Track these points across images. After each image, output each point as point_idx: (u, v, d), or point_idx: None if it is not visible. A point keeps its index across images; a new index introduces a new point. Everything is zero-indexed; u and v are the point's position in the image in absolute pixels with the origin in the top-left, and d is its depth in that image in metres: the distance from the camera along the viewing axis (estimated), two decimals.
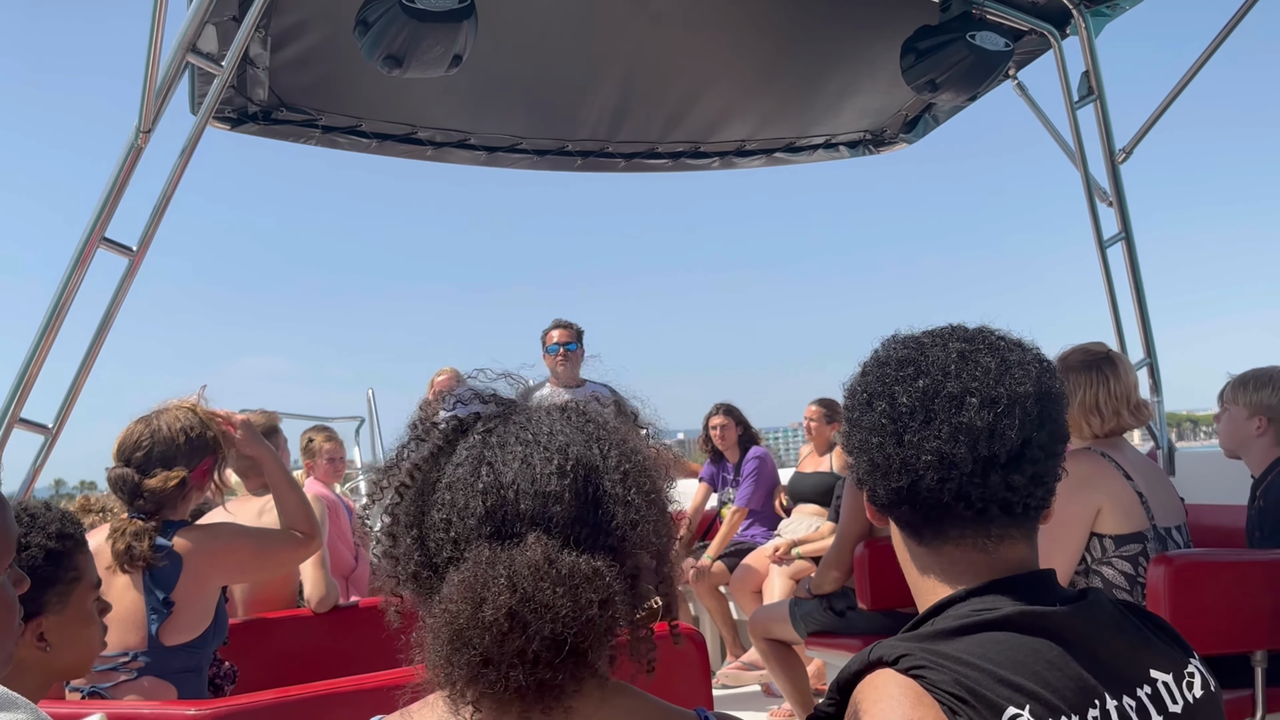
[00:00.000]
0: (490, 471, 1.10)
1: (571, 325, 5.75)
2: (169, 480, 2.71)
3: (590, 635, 1.04)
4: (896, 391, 1.25)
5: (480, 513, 1.09)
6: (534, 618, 1.02)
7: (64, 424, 3.39)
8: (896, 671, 1.13)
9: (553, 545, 1.06)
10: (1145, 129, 4.51)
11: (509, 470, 1.10)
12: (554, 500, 1.09)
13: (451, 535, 1.10)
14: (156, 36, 3.15)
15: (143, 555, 2.66)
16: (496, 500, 1.09)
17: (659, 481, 1.17)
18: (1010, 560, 1.26)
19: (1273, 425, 3.37)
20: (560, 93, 4.75)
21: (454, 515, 1.10)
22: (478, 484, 1.10)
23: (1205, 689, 1.27)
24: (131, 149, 3.27)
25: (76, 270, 3.29)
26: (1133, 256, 4.55)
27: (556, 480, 1.09)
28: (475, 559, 1.06)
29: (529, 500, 1.09)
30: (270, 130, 4.47)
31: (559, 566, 1.04)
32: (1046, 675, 1.14)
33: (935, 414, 1.22)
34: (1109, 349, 3.25)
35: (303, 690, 2.06)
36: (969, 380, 1.23)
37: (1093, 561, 2.96)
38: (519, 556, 1.05)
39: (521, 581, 1.03)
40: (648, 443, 1.21)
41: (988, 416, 1.20)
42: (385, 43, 3.39)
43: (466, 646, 1.03)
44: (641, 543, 1.12)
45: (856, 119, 5.24)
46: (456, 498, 1.11)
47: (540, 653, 1.02)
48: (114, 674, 2.61)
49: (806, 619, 4.22)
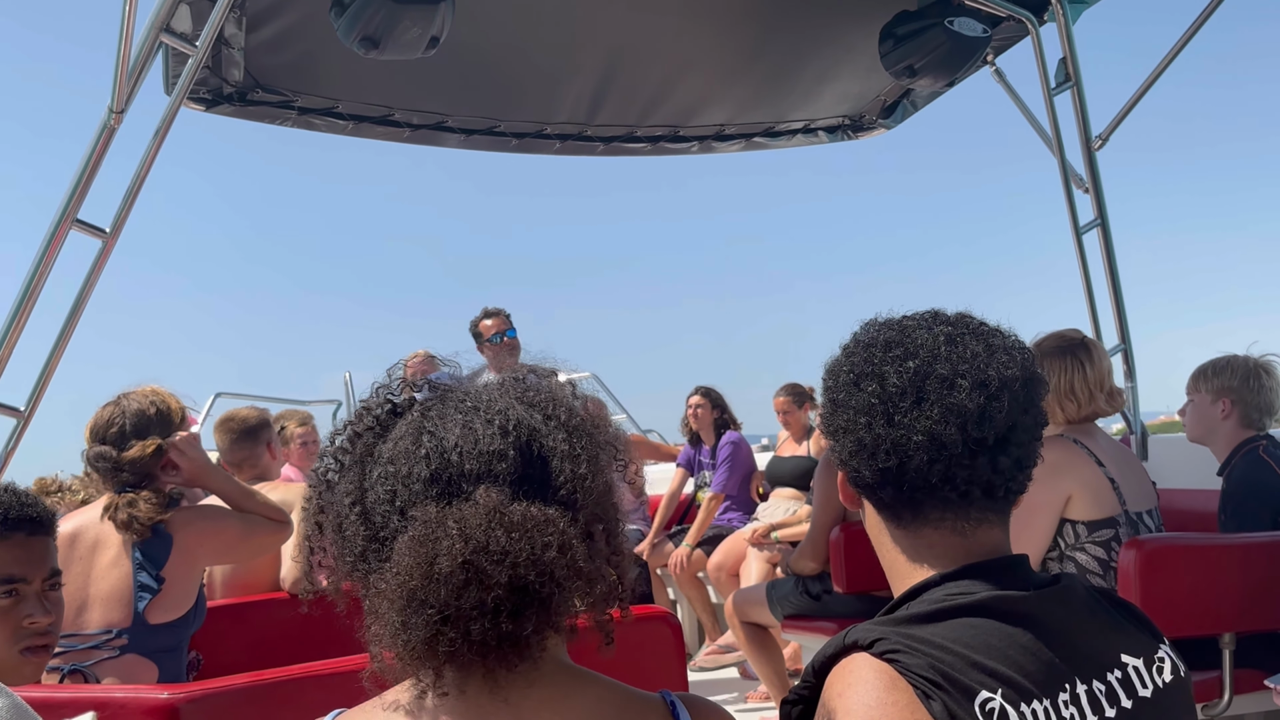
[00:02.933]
0: (431, 439, 1.10)
1: (501, 311, 5.56)
2: (146, 448, 2.76)
3: (551, 580, 1.01)
4: (887, 372, 1.25)
5: (425, 476, 1.08)
6: (491, 565, 0.99)
7: (36, 407, 3.37)
8: (871, 655, 1.14)
9: (502, 497, 1.04)
10: (1121, 116, 4.54)
11: (450, 435, 1.09)
12: (498, 458, 1.08)
13: (398, 505, 1.08)
14: (129, 15, 3.12)
15: (149, 518, 2.72)
16: (441, 463, 1.08)
17: (607, 439, 1.17)
18: (985, 544, 1.27)
19: (1237, 407, 3.41)
20: (538, 75, 4.73)
21: (398, 485, 1.09)
22: (419, 451, 1.09)
23: (1175, 674, 1.28)
24: (104, 129, 3.24)
25: (48, 253, 3.26)
26: (1108, 242, 4.58)
27: (499, 440, 1.09)
28: (423, 518, 1.03)
29: (473, 461, 1.08)
30: (245, 111, 4.43)
31: (510, 514, 1.02)
32: (1019, 659, 1.16)
33: (927, 395, 1.22)
34: (1084, 335, 3.28)
35: (278, 673, 2.05)
36: (958, 363, 1.23)
37: (1066, 547, 2.98)
38: (468, 509, 1.03)
39: (474, 531, 1.01)
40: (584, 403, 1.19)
41: (979, 398, 1.21)
42: (361, 24, 3.37)
43: (423, 606, 1.00)
44: (592, 498, 1.11)
45: (835, 104, 5.25)
46: (400, 468, 1.09)
47: (501, 601, 0.99)
48: (96, 652, 2.62)
49: (783, 602, 4.24)
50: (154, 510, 2.73)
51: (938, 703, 1.10)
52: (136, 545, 2.71)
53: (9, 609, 1.92)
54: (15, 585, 1.93)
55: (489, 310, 5.58)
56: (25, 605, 1.94)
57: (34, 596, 1.95)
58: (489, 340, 5.49)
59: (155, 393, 2.90)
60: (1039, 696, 1.14)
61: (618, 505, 1.17)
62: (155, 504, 2.74)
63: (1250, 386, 3.41)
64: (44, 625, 1.96)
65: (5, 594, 1.92)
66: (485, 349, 5.53)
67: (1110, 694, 1.20)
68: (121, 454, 2.76)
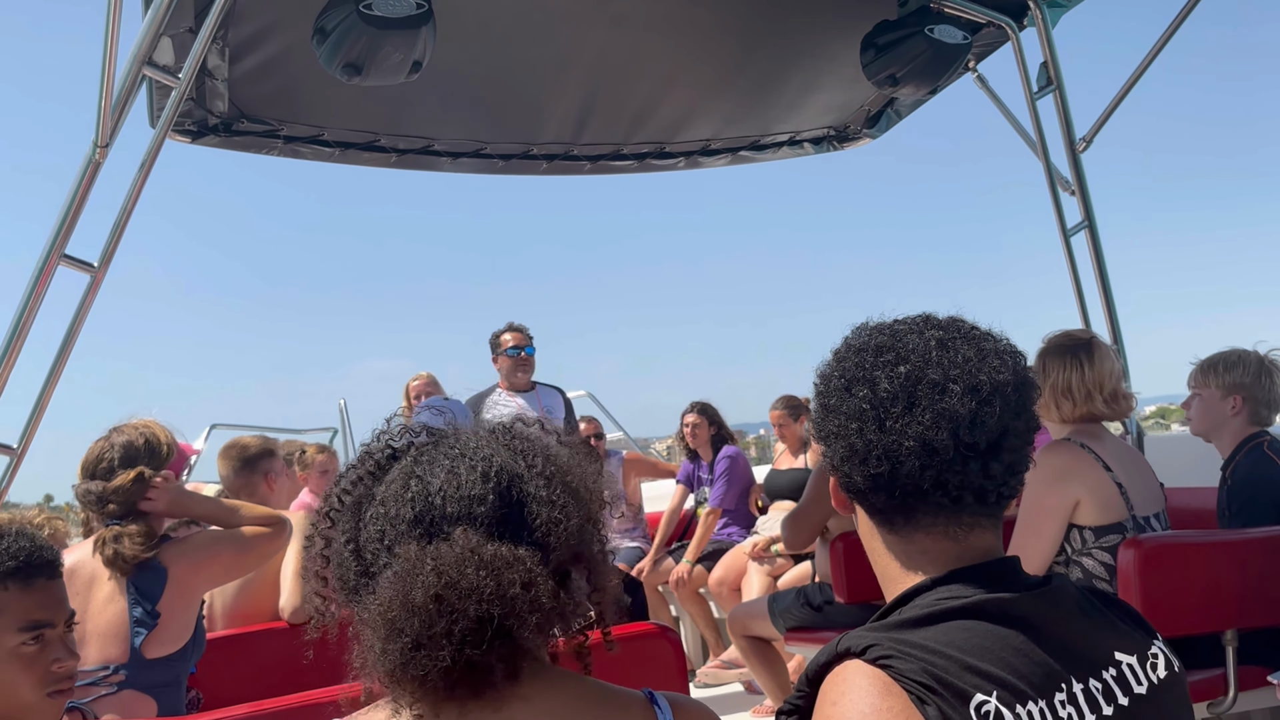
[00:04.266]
0: (419, 483, 1.20)
1: (524, 328, 5.69)
2: (127, 478, 2.76)
3: (514, 614, 1.11)
4: (878, 377, 1.24)
5: (410, 517, 1.18)
6: (459, 600, 1.10)
7: (29, 444, 3.35)
8: (864, 662, 1.14)
9: (478, 538, 1.15)
10: (1104, 117, 4.56)
11: (436, 480, 1.20)
12: (478, 502, 1.18)
13: (385, 543, 1.18)
14: (111, 49, 3.12)
15: (134, 555, 2.70)
16: (424, 506, 1.18)
17: (586, 485, 1.25)
18: (978, 548, 1.26)
19: (1247, 404, 3.40)
20: (523, 96, 4.74)
21: (386, 525, 1.19)
22: (407, 494, 1.20)
23: (1169, 669, 1.28)
24: (89, 164, 3.24)
25: (37, 288, 3.25)
26: (1096, 244, 4.59)
27: (480, 484, 1.19)
28: (405, 555, 1.14)
29: (455, 504, 1.18)
30: (231, 142, 4.44)
31: (481, 554, 1.13)
32: (1013, 661, 1.15)
33: (918, 400, 1.22)
34: (1094, 336, 3.26)
35: (276, 703, 2.05)
36: (950, 368, 1.23)
37: (1073, 553, 2.97)
38: (445, 549, 1.13)
39: (447, 569, 1.11)
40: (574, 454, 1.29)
41: (970, 403, 1.21)
42: (344, 51, 3.38)
43: (398, 633, 1.10)
44: (569, 540, 1.20)
45: (820, 115, 5.27)
46: (389, 510, 1.20)
47: (466, 632, 1.10)
48: (94, 689, 2.60)
49: (785, 615, 4.23)
50: (138, 548, 2.70)
51: (933, 707, 1.09)
52: (132, 580, 2.70)
53: (36, 655, 1.93)
54: (42, 630, 1.93)
55: (512, 325, 5.69)
56: (52, 649, 1.94)
57: (58, 640, 1.96)
58: (505, 352, 5.56)
59: (146, 425, 2.89)
60: (1034, 698, 1.14)
61: (602, 545, 1.27)
62: (140, 541, 2.72)
63: (1261, 384, 3.41)
64: (72, 669, 1.98)
65: (33, 640, 1.92)
66: (500, 360, 5.62)
67: (1106, 692, 1.20)
68: (106, 486, 2.76)
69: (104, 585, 2.71)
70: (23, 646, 1.91)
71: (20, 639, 1.91)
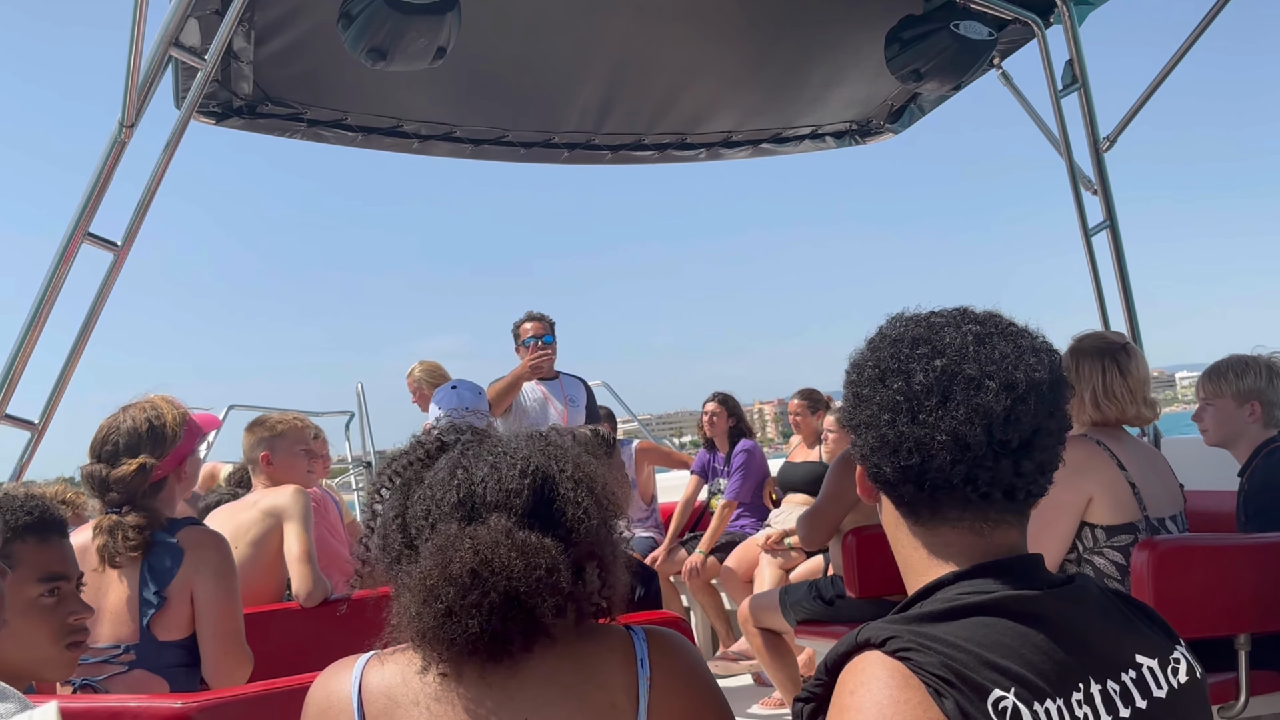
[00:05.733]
0: (464, 472, 1.37)
1: (545, 317, 5.67)
2: (129, 468, 2.70)
3: (536, 594, 1.27)
4: (913, 369, 1.23)
5: (454, 501, 1.34)
6: (491, 576, 1.27)
7: (50, 420, 3.38)
8: (883, 653, 1.14)
9: (511, 525, 1.31)
10: (1129, 117, 4.53)
11: (479, 472, 1.36)
12: (515, 495, 1.34)
13: (429, 520, 1.34)
14: (138, 30, 3.14)
15: (120, 550, 2.66)
16: (467, 491, 1.34)
17: (607, 493, 1.41)
18: (1002, 545, 1.26)
19: (1264, 409, 3.38)
20: (546, 85, 4.74)
21: (432, 504, 1.35)
22: (453, 481, 1.36)
23: (1190, 675, 1.27)
24: (115, 144, 3.26)
25: (61, 266, 3.28)
26: (1118, 244, 4.57)
27: (518, 479, 1.35)
28: (445, 532, 1.31)
29: (494, 494, 1.34)
30: (255, 124, 4.45)
31: (515, 538, 1.29)
32: (1032, 659, 1.15)
33: (953, 394, 1.21)
34: (1126, 340, 3.24)
35: (289, 682, 2.05)
36: (986, 363, 1.22)
37: (1085, 551, 2.96)
38: (482, 530, 1.30)
39: (483, 548, 1.28)
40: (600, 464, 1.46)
41: (1005, 401, 1.20)
42: (369, 35, 3.39)
43: (435, 600, 1.27)
44: (588, 537, 1.36)
45: (842, 109, 5.26)
46: (435, 492, 1.36)
47: (494, 605, 1.26)
48: (105, 667, 2.60)
49: (795, 608, 4.23)
50: (130, 543, 2.66)
51: (950, 701, 1.09)
52: (147, 559, 2.67)
53: (54, 607, 2.02)
54: (58, 584, 2.02)
55: (532, 314, 5.67)
56: (68, 602, 2.04)
57: (73, 594, 2.06)
58: (524, 342, 5.58)
59: (154, 405, 2.82)
60: (1052, 696, 1.14)
61: (615, 546, 1.42)
62: (134, 536, 2.67)
63: (1274, 386, 3.38)
64: (87, 619, 2.08)
65: (50, 592, 2.01)
66: (521, 350, 5.61)
67: (1125, 694, 1.20)
68: (110, 472, 2.71)
69: (112, 566, 2.68)
70: (41, 598, 2.00)
71: (39, 590, 2.00)
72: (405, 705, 1.32)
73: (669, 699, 1.36)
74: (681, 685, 1.38)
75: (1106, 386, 3.07)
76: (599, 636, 1.38)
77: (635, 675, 1.35)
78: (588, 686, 1.34)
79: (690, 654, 1.43)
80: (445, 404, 3.87)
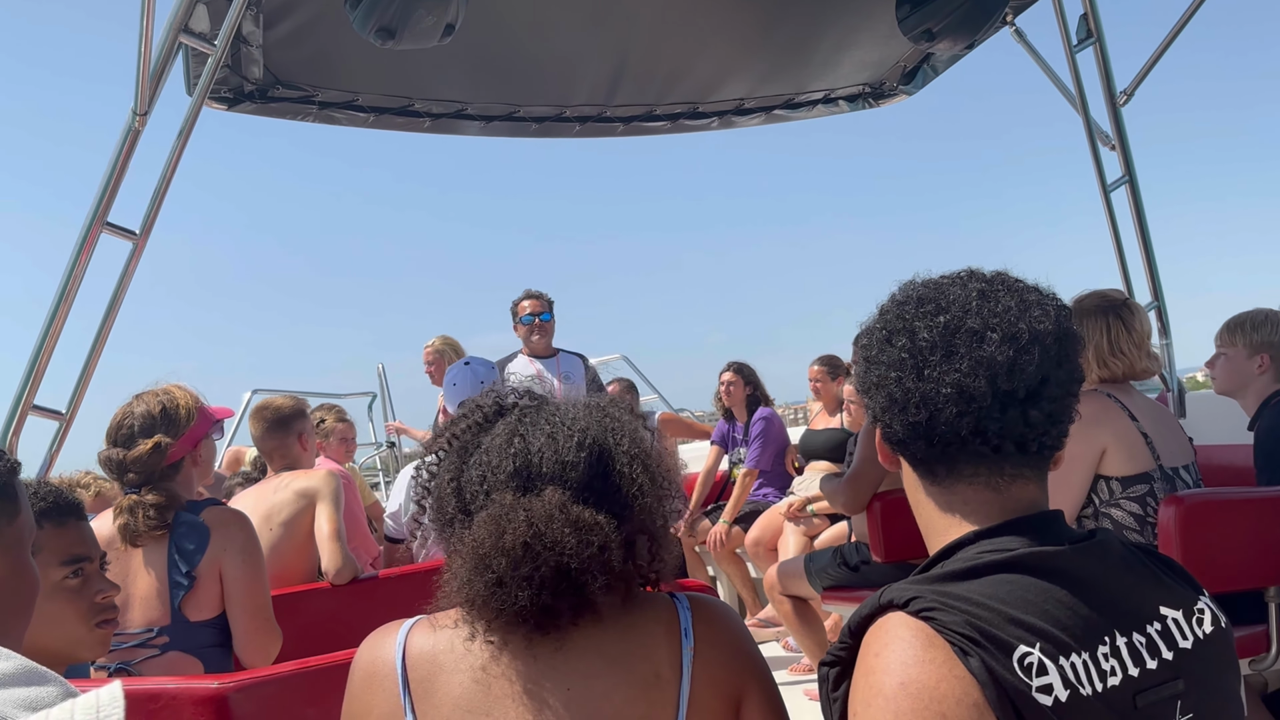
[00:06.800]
0: (521, 441, 1.36)
1: (542, 295, 5.82)
2: (145, 447, 2.75)
3: (587, 571, 1.27)
4: (917, 327, 1.25)
5: (510, 470, 1.34)
6: (544, 550, 1.26)
7: (77, 410, 3.42)
8: (907, 614, 1.14)
9: (566, 498, 1.30)
10: (1146, 70, 4.47)
11: (537, 442, 1.35)
12: (571, 468, 1.33)
13: (485, 488, 1.35)
14: (148, 18, 3.14)
15: (142, 529, 2.70)
16: (524, 461, 1.34)
17: (662, 470, 1.40)
18: (1021, 500, 1.26)
19: (1274, 363, 3.40)
20: (555, 58, 4.72)
21: (488, 471, 1.36)
22: (510, 449, 1.36)
23: (1215, 625, 1.28)
24: (129, 133, 3.27)
25: (81, 256, 3.30)
26: (1137, 199, 4.52)
27: (575, 452, 1.34)
28: (500, 502, 1.31)
29: (550, 465, 1.33)
30: (267, 109, 4.45)
31: (569, 513, 1.29)
32: (1056, 614, 1.15)
33: (956, 348, 1.22)
34: (1126, 296, 3.27)
35: (323, 660, 2.08)
36: (989, 316, 1.23)
37: (1100, 504, 2.97)
38: (537, 503, 1.29)
39: (537, 521, 1.27)
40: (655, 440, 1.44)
41: (1008, 351, 1.21)
42: (377, 14, 3.37)
43: (486, 569, 1.27)
44: (642, 513, 1.35)
45: (855, 72, 5.20)
46: (491, 459, 1.36)
47: (545, 579, 1.26)
48: (139, 650, 2.64)
49: (821, 574, 4.24)
50: (150, 521, 2.70)
51: (975, 659, 1.10)
52: (172, 541, 2.70)
53: (79, 588, 2.06)
54: (81, 565, 2.06)
55: (530, 292, 5.80)
56: (93, 582, 2.08)
57: (97, 574, 2.10)
58: (521, 320, 5.66)
59: (167, 391, 2.87)
60: (1078, 650, 1.14)
61: (666, 522, 1.41)
62: (153, 514, 2.70)
63: None
64: (114, 597, 2.12)
65: (74, 574, 2.05)
66: (519, 327, 5.75)
67: (1150, 646, 1.20)
68: (126, 455, 2.76)
69: (134, 547, 2.72)
70: (66, 580, 2.04)
71: (64, 573, 2.04)
72: (448, 671, 1.32)
73: (712, 668, 1.34)
74: (726, 654, 1.37)
75: (1113, 343, 3.09)
76: (644, 605, 1.38)
77: (679, 645, 1.34)
78: (633, 658, 1.33)
79: (734, 622, 1.42)
80: (460, 379, 3.89)
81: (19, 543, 1.32)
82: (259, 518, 3.34)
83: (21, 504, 1.32)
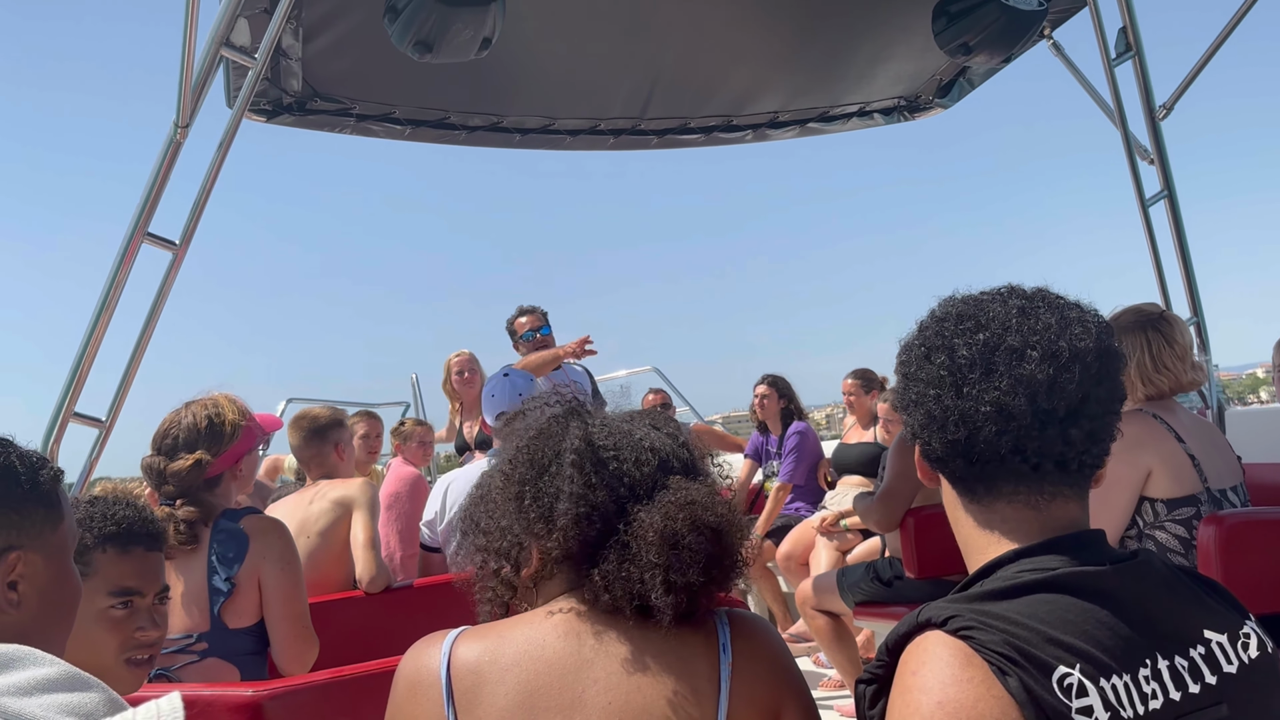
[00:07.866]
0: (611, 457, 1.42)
1: (536, 309, 5.69)
2: (186, 462, 2.76)
3: (716, 583, 1.36)
4: (956, 344, 1.24)
5: (654, 465, 1.44)
6: (704, 540, 1.34)
7: (116, 417, 3.46)
8: (945, 633, 1.13)
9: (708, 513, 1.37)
10: (1186, 83, 4.43)
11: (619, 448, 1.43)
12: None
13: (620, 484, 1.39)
14: (190, 32, 3.19)
15: (171, 543, 2.67)
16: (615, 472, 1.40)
17: None
18: (1062, 519, 1.25)
19: None
20: (590, 72, 4.74)
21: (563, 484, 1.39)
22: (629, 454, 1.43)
23: (1262, 650, 1.25)
24: (170, 144, 3.32)
25: (122, 266, 3.35)
26: (1176, 214, 4.48)
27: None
28: (668, 502, 1.36)
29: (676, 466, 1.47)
30: (305, 121, 4.51)
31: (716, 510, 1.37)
32: (1097, 635, 1.14)
33: (995, 366, 1.21)
34: (1162, 309, 3.20)
35: (358, 669, 2.09)
36: (1029, 334, 1.22)
37: (1145, 526, 2.91)
38: (699, 510, 1.36)
39: (705, 523, 1.35)
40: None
41: (1048, 370, 1.20)
42: (414, 28, 3.41)
43: (667, 547, 1.32)
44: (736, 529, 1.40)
45: (890, 85, 5.20)
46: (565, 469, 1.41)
47: (694, 574, 1.32)
48: (178, 656, 2.66)
49: (854, 589, 4.22)
50: (181, 536, 2.69)
51: (1014, 679, 1.08)
52: (213, 548, 2.73)
53: (122, 620, 1.97)
54: (131, 598, 1.98)
55: (524, 309, 5.69)
56: (137, 618, 1.98)
57: (146, 610, 2.00)
58: (522, 338, 5.60)
59: (215, 403, 2.88)
60: (1119, 672, 1.12)
61: None
62: (184, 530, 2.71)
63: None
64: (153, 639, 2.01)
65: (121, 605, 1.97)
66: (520, 345, 5.65)
67: (1193, 669, 1.18)
68: (168, 466, 2.77)
69: (185, 553, 2.73)
70: (111, 610, 1.96)
71: (109, 602, 1.96)
72: (493, 683, 1.31)
73: (750, 684, 1.34)
74: (763, 670, 1.36)
75: (1155, 358, 3.02)
76: (690, 621, 1.37)
77: (718, 659, 1.34)
78: (675, 672, 1.32)
79: (772, 638, 1.42)
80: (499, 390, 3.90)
81: (62, 550, 1.33)
82: (296, 526, 3.36)
83: (65, 511, 1.33)
